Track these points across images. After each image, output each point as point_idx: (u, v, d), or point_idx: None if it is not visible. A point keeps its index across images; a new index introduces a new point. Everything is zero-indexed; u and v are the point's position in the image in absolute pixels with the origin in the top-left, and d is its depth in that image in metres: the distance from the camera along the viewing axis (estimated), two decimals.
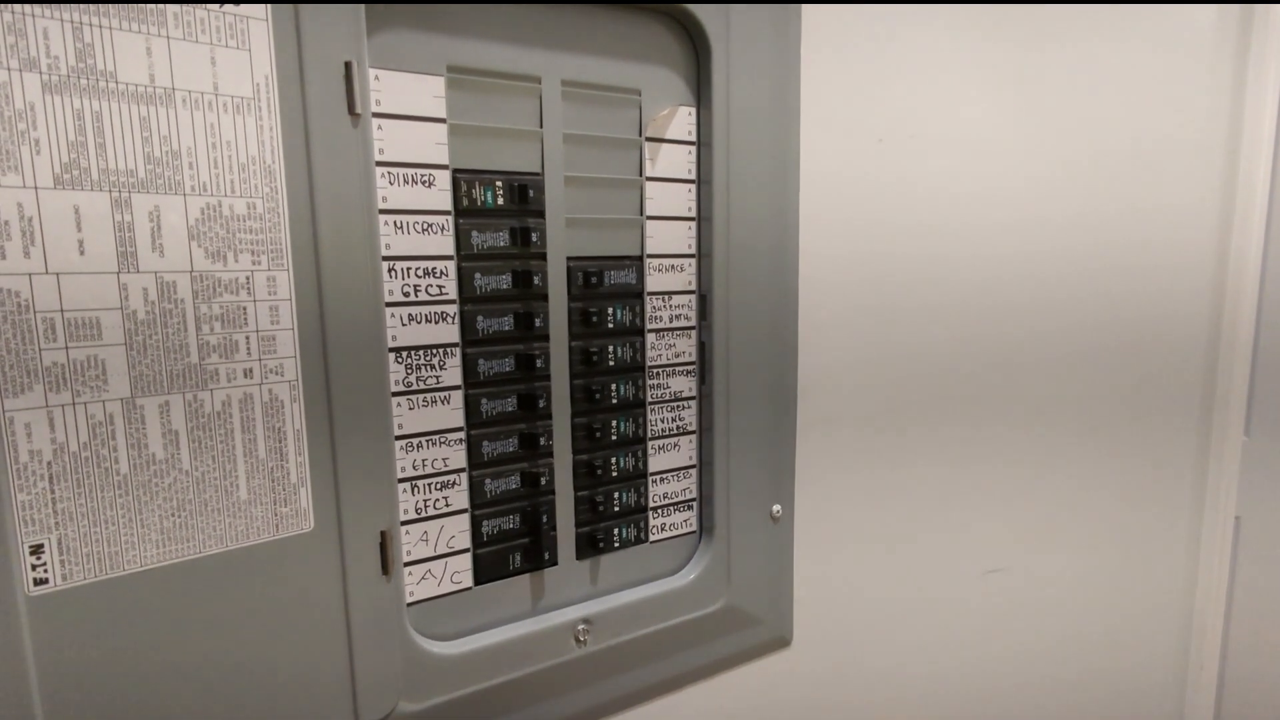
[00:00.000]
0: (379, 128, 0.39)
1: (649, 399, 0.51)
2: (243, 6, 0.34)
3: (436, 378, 0.43)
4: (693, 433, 0.53)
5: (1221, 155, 0.82)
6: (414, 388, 0.42)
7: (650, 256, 0.49)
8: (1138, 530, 0.85)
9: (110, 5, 0.31)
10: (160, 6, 0.32)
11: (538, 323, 0.45)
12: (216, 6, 0.33)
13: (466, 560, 0.45)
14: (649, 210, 0.49)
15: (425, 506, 0.43)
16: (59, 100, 0.30)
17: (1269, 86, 0.82)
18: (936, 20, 0.59)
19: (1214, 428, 0.89)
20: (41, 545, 0.32)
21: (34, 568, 0.32)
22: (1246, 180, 0.83)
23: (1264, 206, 0.85)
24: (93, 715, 0.34)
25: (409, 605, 0.43)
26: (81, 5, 0.30)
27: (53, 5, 0.30)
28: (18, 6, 0.29)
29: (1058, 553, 0.78)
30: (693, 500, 0.54)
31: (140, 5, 0.32)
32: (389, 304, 0.41)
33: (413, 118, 0.40)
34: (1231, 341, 0.87)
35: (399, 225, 0.40)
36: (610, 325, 0.48)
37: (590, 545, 0.49)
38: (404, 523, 0.43)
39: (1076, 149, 0.70)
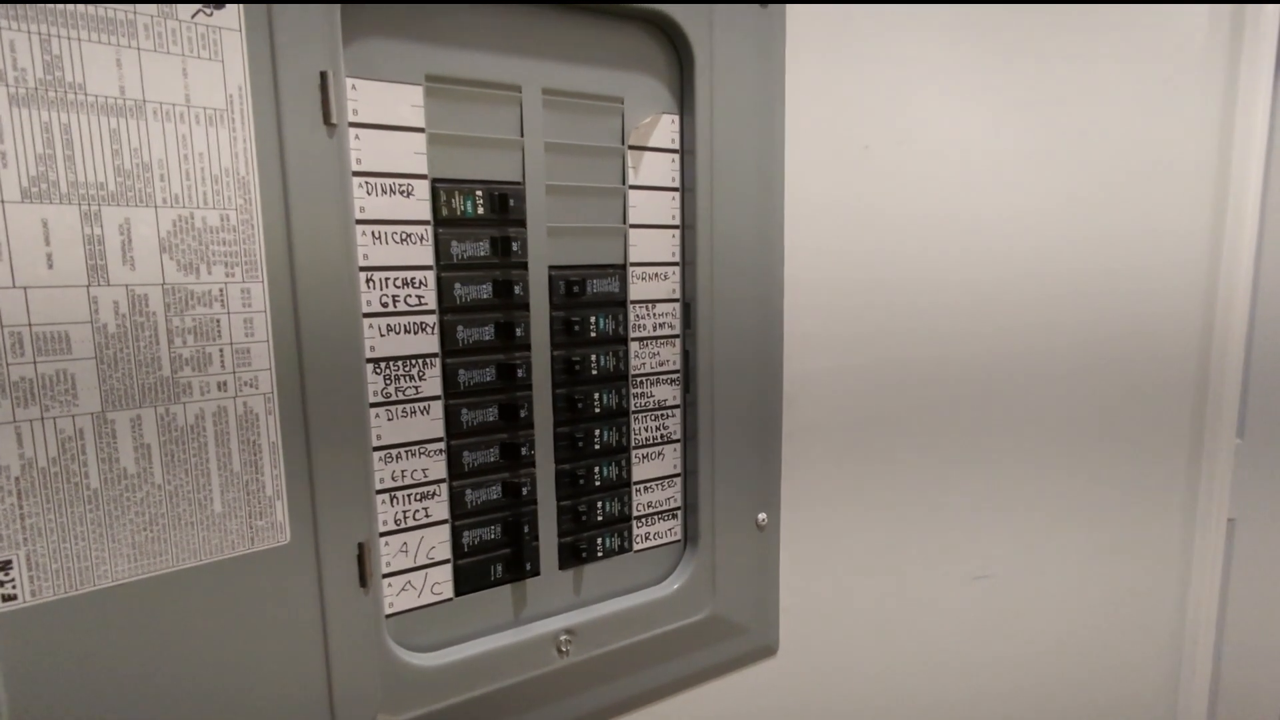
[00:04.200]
0: (356, 137, 0.39)
1: (632, 407, 0.50)
2: (215, 17, 0.34)
3: (416, 388, 0.42)
4: (677, 441, 0.53)
5: (1214, 157, 0.82)
6: (393, 399, 0.42)
7: (633, 265, 0.49)
8: (1130, 533, 0.85)
9: (80, 14, 0.31)
10: (132, 18, 0.32)
11: (519, 332, 0.45)
12: (189, 18, 0.33)
13: (447, 571, 0.45)
14: (632, 219, 0.49)
15: (405, 517, 0.43)
16: (26, 113, 0.30)
17: (1260, 90, 0.82)
18: (922, 25, 0.59)
19: (1206, 430, 0.89)
20: (10, 561, 0.32)
21: (2, 584, 0.32)
22: (1239, 182, 0.83)
23: (1256, 207, 0.85)
24: None
25: (388, 616, 0.43)
26: (50, 17, 0.30)
27: (19, 4, 0.30)
28: None
29: (1048, 557, 0.78)
30: (677, 509, 0.54)
31: (111, 17, 0.31)
32: (367, 314, 0.40)
33: (390, 127, 0.40)
34: (1224, 343, 0.87)
35: (377, 235, 0.40)
36: (593, 334, 0.48)
37: (573, 555, 0.49)
38: (383, 534, 0.42)
39: (1066, 152, 0.70)
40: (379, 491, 0.42)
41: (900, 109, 0.59)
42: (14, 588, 0.32)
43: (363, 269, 0.40)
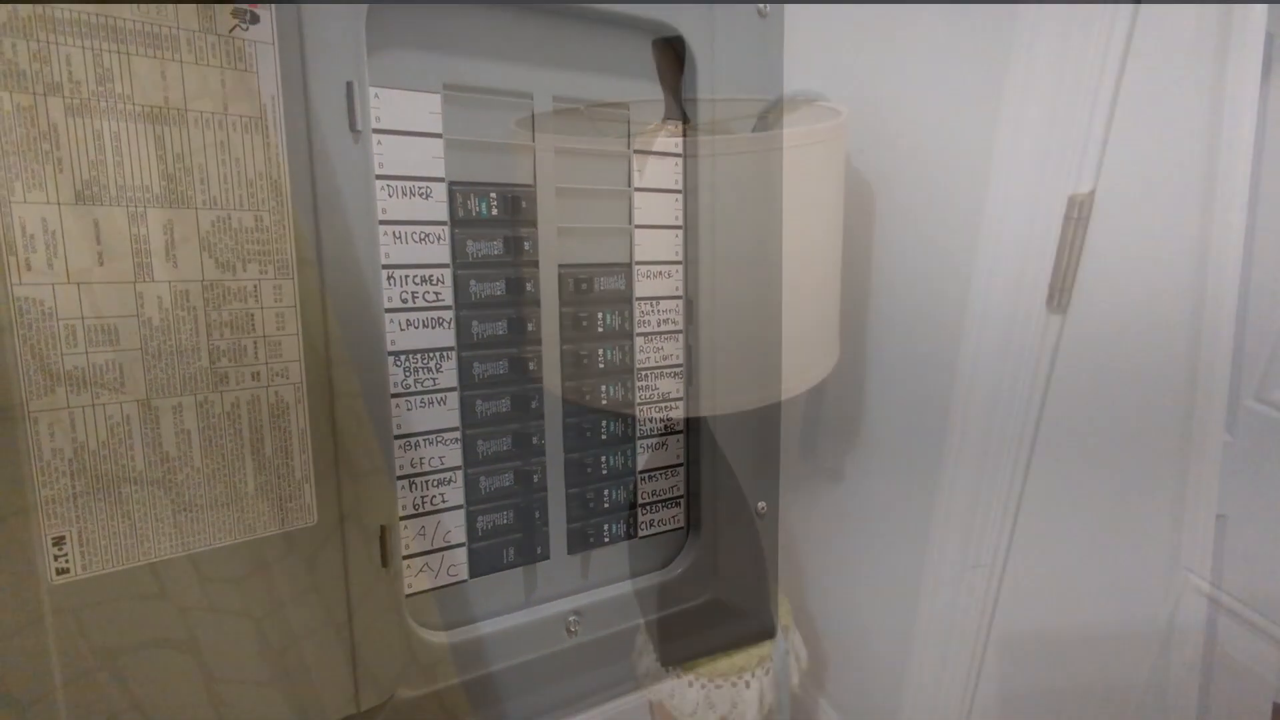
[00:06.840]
0: (379, 143, 0.41)
1: (637, 399, 0.53)
2: (251, 31, 0.36)
3: (433, 380, 0.45)
4: (680, 432, 0.55)
5: (1202, 144, 0.84)
6: (412, 389, 0.44)
7: (639, 263, 0.52)
8: (1119, 528, 0.87)
9: (129, 29, 0.33)
10: (175, 34, 0.34)
11: (530, 327, 0.47)
12: (227, 32, 0.35)
13: (462, 554, 0.47)
14: (637, 219, 0.51)
15: (423, 502, 0.45)
16: (80, 122, 0.33)
17: (1247, 90, 0.84)
18: (915, 22, 0.61)
19: (1195, 426, 0.90)
20: (63, 537, 0.34)
21: (56, 558, 0.34)
22: (1227, 170, 0.85)
23: (1244, 196, 0.87)
24: (109, 697, 0.36)
25: (407, 596, 0.45)
26: (103, 33, 0.33)
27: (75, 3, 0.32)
28: (44, 35, 0.31)
29: (1039, 550, 0.80)
30: (680, 497, 0.56)
31: (157, 33, 0.34)
32: (388, 310, 0.43)
33: (411, 133, 0.42)
34: (1213, 338, 0.89)
35: (398, 235, 0.43)
36: (600, 329, 0.50)
37: (581, 540, 0.51)
38: (403, 518, 0.45)
39: (1060, 151, 0.72)
40: (399, 477, 0.44)
41: (891, 111, 0.61)
42: (67, 561, 0.34)
43: (385, 267, 0.42)
